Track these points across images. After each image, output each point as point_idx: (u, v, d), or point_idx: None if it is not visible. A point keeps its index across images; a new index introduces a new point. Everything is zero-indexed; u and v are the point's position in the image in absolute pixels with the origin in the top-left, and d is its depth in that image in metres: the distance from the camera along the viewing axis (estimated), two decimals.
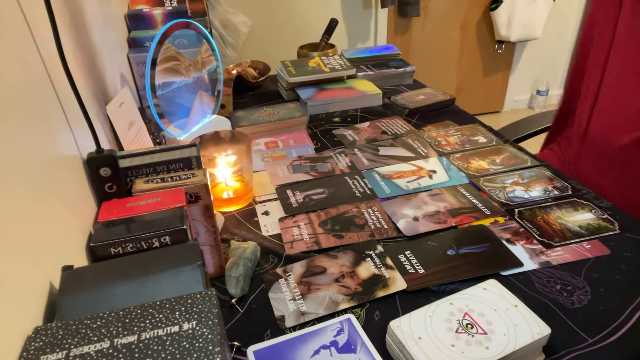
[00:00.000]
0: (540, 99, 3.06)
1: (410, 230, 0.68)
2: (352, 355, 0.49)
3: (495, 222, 0.70)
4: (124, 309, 0.36)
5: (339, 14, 2.45)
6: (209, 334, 0.34)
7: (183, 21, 0.81)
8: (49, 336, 0.34)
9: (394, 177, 0.82)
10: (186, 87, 0.86)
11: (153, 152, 0.55)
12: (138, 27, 1.04)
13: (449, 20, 2.70)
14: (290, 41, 2.42)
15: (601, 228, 0.67)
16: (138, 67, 0.96)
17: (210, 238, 0.58)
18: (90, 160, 0.54)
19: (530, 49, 2.94)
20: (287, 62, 1.20)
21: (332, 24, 1.33)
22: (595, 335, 0.51)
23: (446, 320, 0.49)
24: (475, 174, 0.82)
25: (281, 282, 0.60)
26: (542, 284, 0.58)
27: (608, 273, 0.59)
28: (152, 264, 0.42)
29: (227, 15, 2.01)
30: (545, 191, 0.76)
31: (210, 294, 0.37)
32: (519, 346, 0.46)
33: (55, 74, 0.52)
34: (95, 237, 0.45)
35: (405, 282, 0.59)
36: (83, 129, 0.57)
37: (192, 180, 0.54)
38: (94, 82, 0.67)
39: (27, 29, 0.47)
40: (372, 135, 0.98)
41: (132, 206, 0.49)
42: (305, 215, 0.73)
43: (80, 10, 0.68)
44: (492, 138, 0.94)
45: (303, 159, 0.89)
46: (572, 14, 2.89)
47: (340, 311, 0.56)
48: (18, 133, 0.40)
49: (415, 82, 1.27)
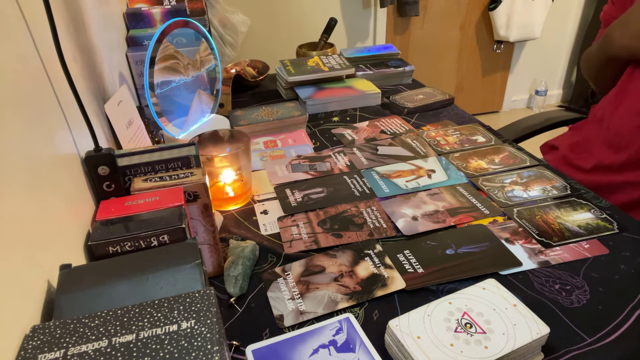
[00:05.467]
0: (539, 99, 3.07)
1: (409, 230, 0.68)
2: (351, 354, 0.49)
3: (494, 222, 0.70)
4: (122, 308, 0.36)
5: (338, 13, 2.45)
6: (207, 332, 0.34)
7: (182, 20, 0.81)
8: (46, 335, 0.34)
9: (393, 177, 0.82)
10: (185, 85, 0.86)
11: (151, 151, 0.55)
12: (137, 26, 1.04)
13: (448, 20, 2.71)
14: (289, 40, 2.42)
15: (600, 228, 0.67)
16: (137, 65, 0.96)
17: (209, 237, 0.58)
18: (89, 158, 0.54)
19: (529, 49, 2.94)
20: (286, 62, 1.19)
21: (331, 23, 1.33)
22: (594, 335, 0.51)
23: (445, 320, 0.49)
24: (474, 174, 0.82)
25: (280, 282, 0.60)
26: (541, 283, 0.58)
27: (607, 273, 0.59)
28: (151, 263, 0.41)
29: (226, 14, 2.01)
30: (544, 191, 0.76)
31: (209, 293, 0.37)
32: (517, 345, 0.46)
33: (53, 73, 0.51)
34: (94, 235, 0.45)
35: (404, 282, 0.59)
36: (81, 127, 0.57)
37: (190, 179, 0.54)
38: (92, 80, 0.67)
39: (25, 28, 0.46)
40: (371, 134, 0.98)
41: (130, 205, 0.49)
42: (304, 215, 0.73)
43: (79, 8, 0.68)
44: (491, 138, 0.94)
45: (302, 158, 0.89)
46: (571, 14, 2.89)
47: (339, 310, 0.55)
48: (16, 131, 0.40)
49: (414, 82, 1.27)
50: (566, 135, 1.07)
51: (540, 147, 1.12)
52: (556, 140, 1.08)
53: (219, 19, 1.96)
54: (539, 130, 1.14)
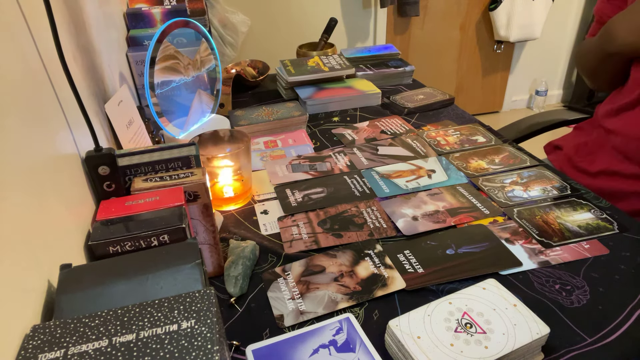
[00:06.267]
0: (539, 99, 3.07)
1: (410, 230, 0.68)
2: (351, 354, 0.49)
3: (494, 222, 0.70)
4: (122, 308, 0.36)
5: (338, 13, 2.45)
6: (207, 332, 0.34)
7: (182, 20, 0.81)
8: (47, 335, 0.34)
9: (393, 177, 0.82)
10: (185, 85, 0.86)
11: (152, 151, 0.55)
12: (137, 26, 1.04)
13: (448, 20, 2.71)
14: (290, 40, 2.42)
15: (600, 228, 0.67)
16: (137, 65, 0.96)
17: (209, 237, 0.58)
18: (89, 158, 0.54)
19: (529, 49, 2.94)
20: (287, 62, 1.20)
21: (332, 23, 1.33)
22: (594, 335, 0.51)
23: (445, 320, 0.49)
24: (474, 174, 0.82)
25: (280, 282, 0.60)
26: (541, 283, 0.58)
27: (607, 273, 0.59)
28: (151, 263, 0.41)
29: (227, 14, 2.01)
30: (545, 191, 0.76)
31: (209, 292, 0.37)
32: (518, 345, 0.46)
33: (53, 73, 0.52)
34: (94, 235, 0.45)
35: (404, 282, 0.59)
36: (82, 127, 0.57)
37: (190, 179, 0.54)
38: (92, 80, 0.67)
39: (25, 28, 0.46)
40: (371, 134, 0.98)
41: (130, 205, 0.49)
42: (304, 215, 0.73)
43: (80, 8, 0.68)
44: (491, 138, 0.94)
45: (302, 158, 0.89)
46: (571, 14, 2.89)
47: (339, 310, 0.55)
48: (16, 131, 0.40)
49: (414, 82, 1.27)
50: (570, 136, 1.04)
51: (544, 146, 1.11)
52: (561, 140, 1.06)
53: (219, 19, 1.96)
54: (539, 130, 1.14)
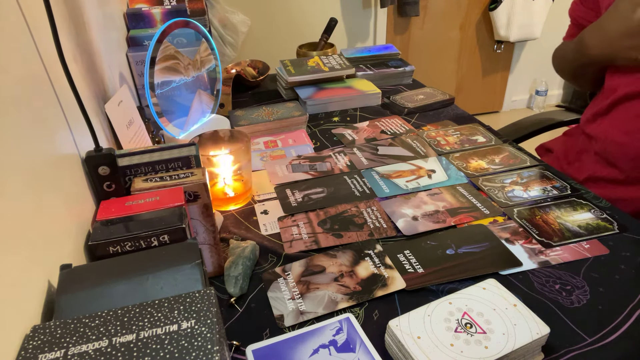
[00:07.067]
0: (539, 99, 3.07)
1: (410, 230, 0.68)
2: (351, 354, 0.49)
3: (494, 222, 0.70)
4: (122, 308, 0.36)
5: (338, 13, 2.45)
6: (207, 332, 0.34)
7: (182, 20, 0.81)
8: (47, 335, 0.34)
9: (393, 177, 0.82)
10: (185, 86, 0.86)
11: (152, 151, 0.55)
12: (137, 26, 1.04)
13: (448, 20, 2.71)
14: (290, 40, 2.42)
15: (600, 228, 0.67)
16: (137, 65, 0.96)
17: (209, 237, 0.58)
18: (89, 159, 0.54)
19: (529, 49, 2.94)
20: (287, 62, 1.20)
21: (332, 23, 1.33)
22: (594, 335, 0.51)
23: (445, 320, 0.49)
24: (474, 174, 0.82)
25: (280, 282, 0.60)
26: (541, 283, 0.58)
27: (607, 273, 0.59)
28: (151, 263, 0.41)
29: (227, 14, 2.01)
30: (544, 191, 0.76)
31: (209, 292, 0.37)
32: (518, 345, 0.46)
33: (53, 73, 0.52)
34: (94, 235, 0.45)
35: (405, 282, 0.59)
36: (82, 127, 0.57)
37: (191, 179, 0.54)
38: (92, 80, 0.67)
39: (26, 28, 0.46)
40: (371, 134, 0.98)
41: (130, 205, 0.49)
42: (304, 215, 0.73)
43: (80, 9, 0.68)
44: (491, 138, 0.94)
45: (302, 158, 0.89)
46: None
47: (339, 310, 0.55)
48: (16, 131, 0.40)
49: (414, 82, 1.27)
50: (560, 140, 1.05)
51: (536, 148, 1.11)
52: (551, 143, 1.07)
53: (219, 19, 1.96)
54: (539, 130, 1.14)
